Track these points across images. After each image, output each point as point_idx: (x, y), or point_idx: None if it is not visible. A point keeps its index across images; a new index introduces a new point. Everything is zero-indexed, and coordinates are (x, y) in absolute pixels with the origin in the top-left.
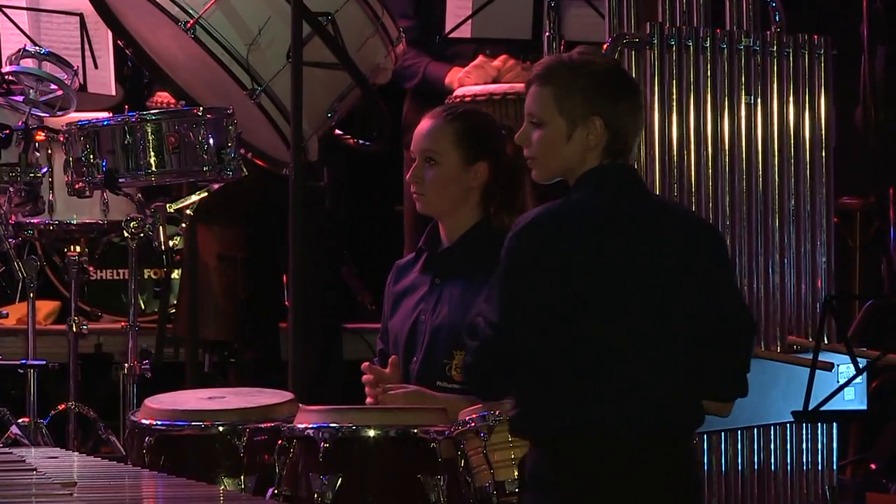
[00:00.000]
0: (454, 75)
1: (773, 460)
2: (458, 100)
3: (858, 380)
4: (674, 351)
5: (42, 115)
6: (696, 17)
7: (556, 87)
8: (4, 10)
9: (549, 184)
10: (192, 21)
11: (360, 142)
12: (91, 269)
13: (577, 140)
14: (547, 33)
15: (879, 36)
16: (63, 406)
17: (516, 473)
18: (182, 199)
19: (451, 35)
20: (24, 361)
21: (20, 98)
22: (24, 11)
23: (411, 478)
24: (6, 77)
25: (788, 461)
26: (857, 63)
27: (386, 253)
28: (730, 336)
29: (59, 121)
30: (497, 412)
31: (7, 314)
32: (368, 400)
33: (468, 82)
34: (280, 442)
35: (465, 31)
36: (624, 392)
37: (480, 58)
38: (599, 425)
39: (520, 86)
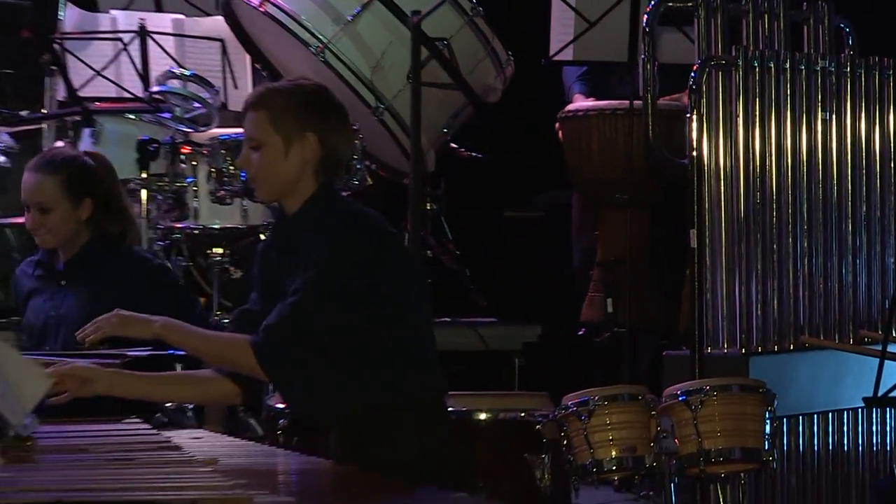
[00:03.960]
0: (577, 100)
1: (845, 442)
2: (570, 114)
3: None
4: None
5: (187, 130)
6: (777, 41)
7: (270, 110)
8: (153, 35)
9: None
10: (322, 46)
11: (472, 154)
12: (232, 269)
13: (293, 156)
14: (642, 56)
15: None
16: None
17: (614, 453)
18: None
19: (556, 58)
20: (170, 352)
21: (167, 115)
22: (171, 37)
23: (518, 457)
24: (155, 96)
25: (860, 443)
26: None
27: (496, 254)
28: None
29: (203, 136)
30: (596, 397)
31: None
32: None
33: None
34: None
35: (567, 55)
36: None
37: None
38: None
39: (626, 102)
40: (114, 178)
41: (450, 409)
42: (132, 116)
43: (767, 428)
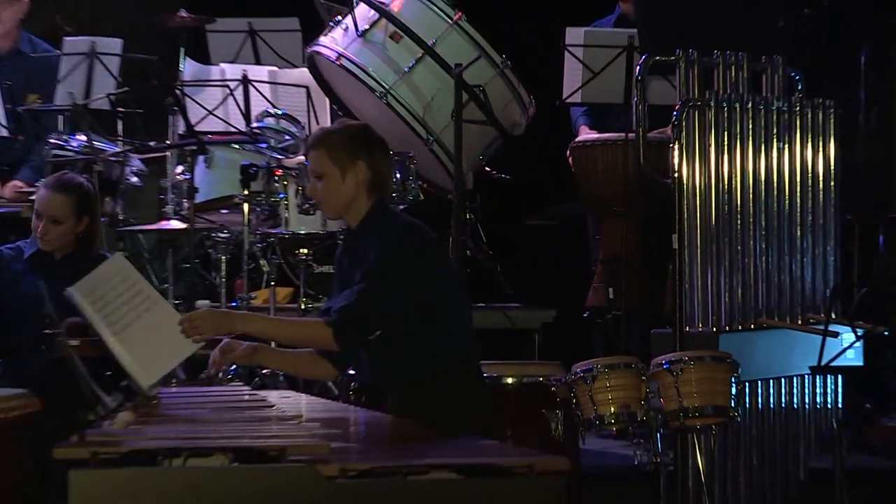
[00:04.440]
0: (584, 132)
1: (795, 401)
2: (579, 144)
3: (857, 344)
4: None
5: (279, 157)
6: (742, 86)
7: (327, 147)
8: (253, 83)
9: None
10: (384, 91)
11: (501, 175)
12: (315, 265)
13: (349, 180)
14: (634, 98)
15: (872, 99)
16: None
17: (613, 409)
18: None
19: (568, 100)
20: None
21: (264, 145)
22: (267, 84)
23: (537, 412)
24: (254, 130)
25: (806, 402)
26: (856, 118)
27: (520, 253)
28: None
29: (292, 161)
30: (599, 365)
31: (255, 296)
32: None
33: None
34: None
35: (576, 98)
36: None
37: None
38: None
39: (623, 134)
40: (98, 200)
41: (484, 374)
42: (237, 146)
43: (733, 390)
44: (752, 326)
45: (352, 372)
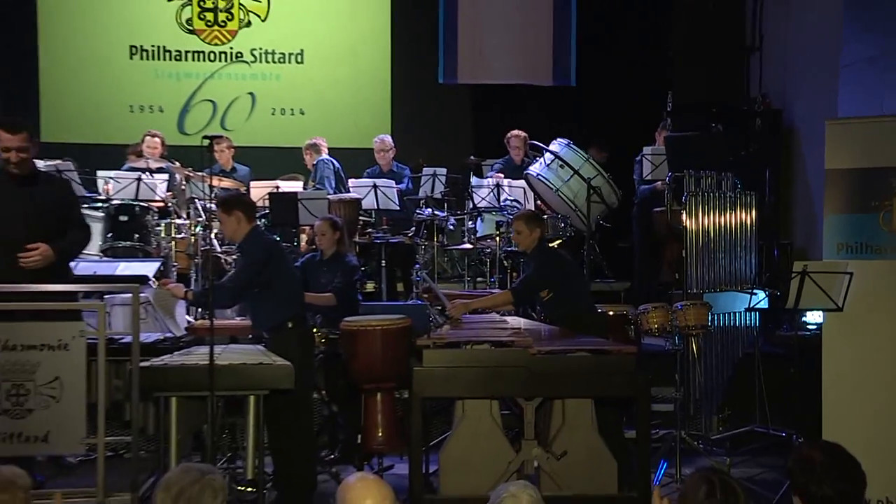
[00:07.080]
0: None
1: (737, 323)
2: (657, 211)
3: (765, 298)
4: None
5: (510, 217)
6: (712, 185)
7: (524, 219)
8: (502, 187)
9: None
10: (556, 189)
11: (606, 224)
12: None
13: (533, 235)
14: (667, 192)
15: (772, 192)
16: None
17: (656, 325)
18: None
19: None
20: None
21: (505, 212)
22: (507, 187)
23: (622, 326)
24: (502, 205)
25: (743, 324)
26: (764, 201)
27: (615, 258)
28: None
29: None
30: (649, 306)
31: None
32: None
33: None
34: None
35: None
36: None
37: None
38: None
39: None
40: (343, 226)
41: (598, 310)
42: (493, 213)
43: (709, 318)
44: (718, 290)
45: (539, 308)
